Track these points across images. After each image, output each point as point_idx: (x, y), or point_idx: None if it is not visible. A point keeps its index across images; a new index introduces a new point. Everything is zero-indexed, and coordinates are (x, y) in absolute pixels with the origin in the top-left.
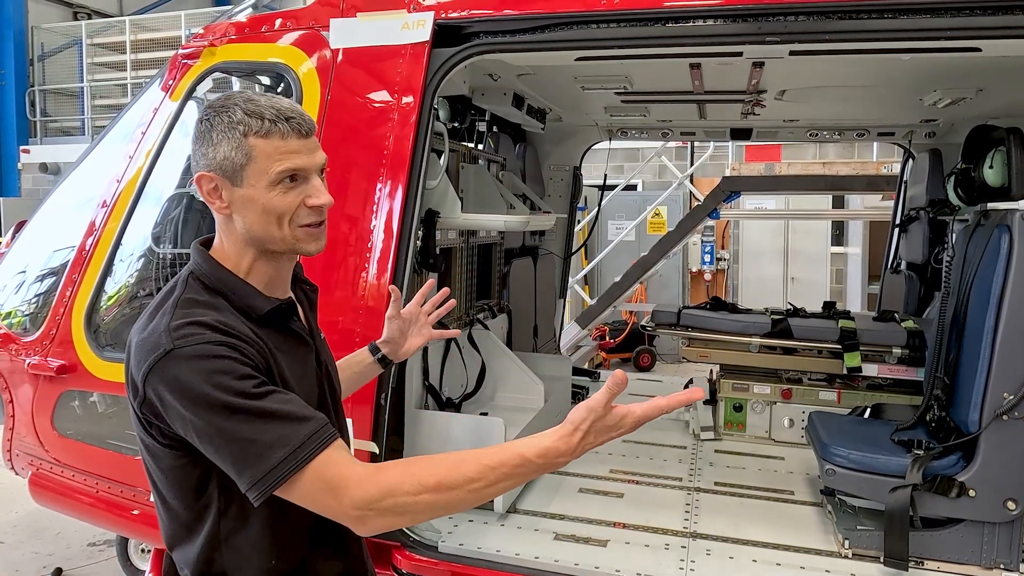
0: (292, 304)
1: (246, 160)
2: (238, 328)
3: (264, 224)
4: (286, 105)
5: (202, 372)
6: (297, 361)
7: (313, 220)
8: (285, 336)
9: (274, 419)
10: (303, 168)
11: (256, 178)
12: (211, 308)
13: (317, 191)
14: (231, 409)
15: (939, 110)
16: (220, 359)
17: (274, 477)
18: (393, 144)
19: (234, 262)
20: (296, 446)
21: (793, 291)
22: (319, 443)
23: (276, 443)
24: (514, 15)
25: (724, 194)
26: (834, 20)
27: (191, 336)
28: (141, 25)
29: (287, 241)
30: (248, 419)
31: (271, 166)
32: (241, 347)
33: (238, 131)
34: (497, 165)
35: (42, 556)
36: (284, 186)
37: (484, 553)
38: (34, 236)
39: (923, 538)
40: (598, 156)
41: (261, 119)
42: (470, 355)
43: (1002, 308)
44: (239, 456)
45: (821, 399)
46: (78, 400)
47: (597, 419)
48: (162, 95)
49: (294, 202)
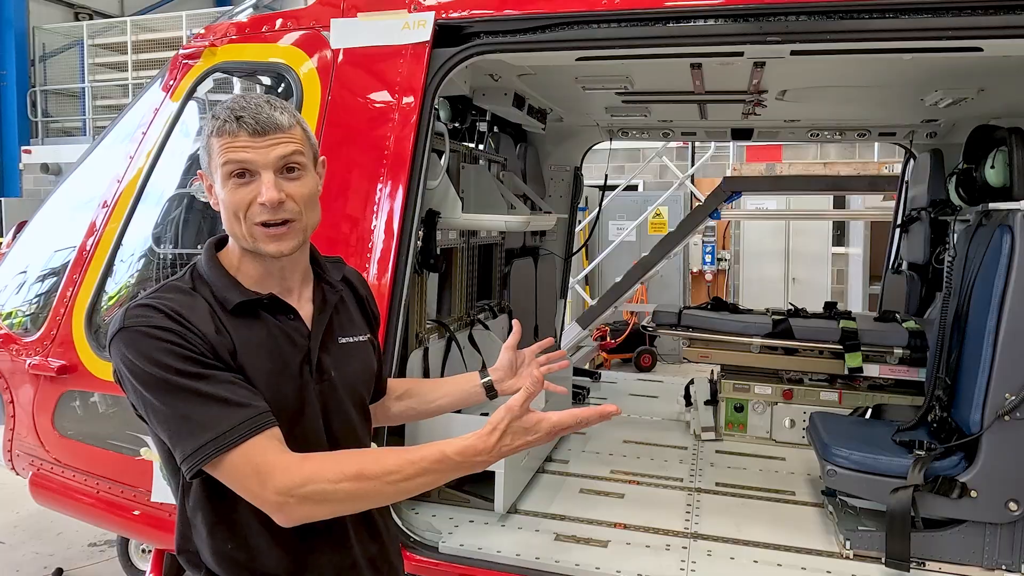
0: (276, 300)
1: (209, 158)
2: (193, 318)
3: (227, 220)
4: (248, 104)
5: (144, 350)
6: (272, 359)
7: (265, 218)
8: (265, 332)
9: (209, 400)
10: (247, 162)
11: (215, 174)
12: (184, 295)
13: (265, 187)
14: (169, 386)
15: (940, 110)
16: (160, 340)
17: (202, 454)
18: (394, 144)
19: (231, 257)
20: (226, 429)
21: (794, 292)
22: (250, 429)
23: (208, 423)
24: (515, 15)
25: (725, 194)
26: (835, 20)
27: (140, 317)
28: (142, 26)
29: (247, 239)
30: (184, 397)
31: (219, 160)
32: (185, 334)
33: (206, 131)
34: (498, 165)
35: (43, 556)
36: (235, 182)
37: (485, 553)
38: (35, 236)
39: (924, 539)
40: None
41: (216, 118)
42: (471, 355)
43: (1004, 308)
44: (174, 431)
45: (822, 400)
46: (79, 400)
47: (514, 419)
48: (163, 95)
49: (245, 198)
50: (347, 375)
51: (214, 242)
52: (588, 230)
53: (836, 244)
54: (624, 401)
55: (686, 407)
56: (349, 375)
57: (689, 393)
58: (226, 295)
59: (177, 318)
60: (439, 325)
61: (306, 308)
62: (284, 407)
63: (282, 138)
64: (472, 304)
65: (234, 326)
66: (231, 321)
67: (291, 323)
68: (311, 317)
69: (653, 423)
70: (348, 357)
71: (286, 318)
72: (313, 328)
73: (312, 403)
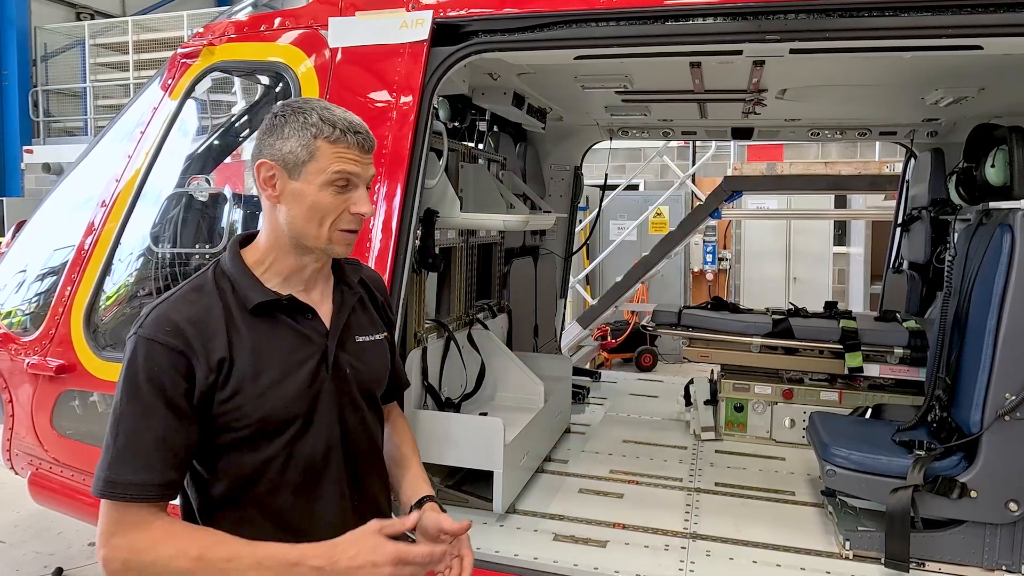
0: (295, 301)
1: (309, 157)
2: (204, 328)
3: (307, 219)
4: (357, 121)
5: (136, 363)
6: (288, 359)
7: (352, 226)
8: (283, 332)
9: (130, 444)
10: (356, 175)
11: (313, 175)
12: (203, 297)
13: (362, 199)
14: (120, 404)
15: (941, 109)
16: (151, 364)
17: (95, 487)
18: (392, 143)
19: (260, 254)
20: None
21: (795, 291)
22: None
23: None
24: (513, 13)
25: (726, 194)
26: (834, 18)
27: (154, 327)
28: (143, 25)
29: (322, 240)
30: (119, 426)
31: (330, 165)
32: (189, 354)
33: (310, 132)
34: (497, 164)
35: (43, 556)
36: (335, 188)
37: (483, 554)
38: (34, 236)
39: (924, 539)
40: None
41: (333, 127)
42: (470, 355)
43: (1004, 308)
44: (104, 440)
45: (822, 399)
46: (77, 400)
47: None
48: (161, 94)
49: (340, 205)
50: (362, 372)
51: (239, 240)
52: (589, 229)
53: (837, 243)
54: (624, 401)
55: (686, 407)
56: (364, 372)
57: (689, 393)
58: (247, 294)
59: (188, 337)
60: (438, 325)
61: (325, 307)
62: (297, 405)
63: (372, 159)
64: (471, 304)
65: (251, 325)
66: (248, 321)
67: (309, 322)
68: (330, 316)
69: (653, 423)
70: (364, 355)
71: (304, 318)
72: (331, 327)
73: (327, 399)
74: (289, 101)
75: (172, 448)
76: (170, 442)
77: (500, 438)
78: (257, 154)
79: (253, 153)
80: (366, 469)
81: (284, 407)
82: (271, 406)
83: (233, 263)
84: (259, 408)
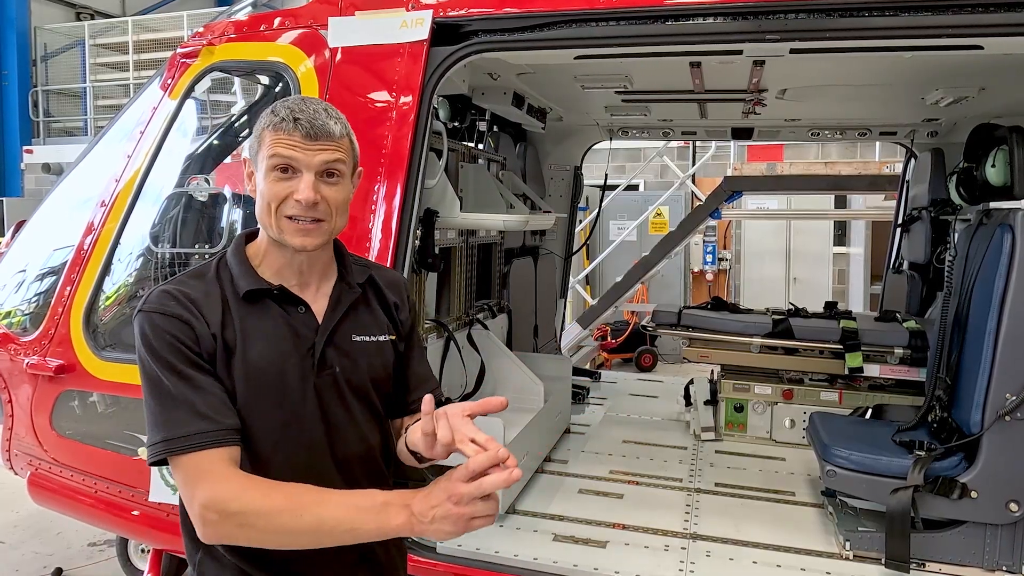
0: (285, 292)
1: (259, 147)
2: (203, 307)
3: (261, 208)
4: (309, 109)
5: (149, 335)
6: (274, 347)
7: (296, 213)
8: (272, 321)
9: (179, 403)
10: (293, 160)
11: (261, 163)
12: (202, 282)
13: (304, 186)
14: (154, 377)
15: (941, 109)
16: (164, 332)
17: (154, 451)
18: (391, 143)
19: (256, 247)
20: (179, 435)
21: (795, 291)
22: (202, 442)
23: (168, 424)
24: (513, 13)
25: (726, 194)
26: (834, 18)
27: (158, 302)
28: (143, 26)
29: (274, 229)
30: (162, 392)
31: (268, 151)
32: (187, 328)
33: (262, 123)
34: (497, 165)
35: (42, 556)
36: (277, 175)
37: (483, 554)
38: (33, 236)
39: (925, 540)
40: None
41: (275, 114)
42: (469, 355)
43: (1004, 308)
44: (148, 419)
45: (822, 400)
46: (77, 400)
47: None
48: (161, 94)
49: (281, 192)
50: (355, 372)
51: (245, 234)
52: (588, 230)
53: (837, 244)
54: (624, 401)
55: (686, 407)
56: (358, 372)
57: (689, 393)
58: (240, 282)
59: (189, 306)
60: (438, 325)
61: (321, 303)
62: (283, 394)
63: (329, 145)
64: (471, 304)
65: (243, 312)
66: (241, 307)
67: (300, 315)
68: (323, 313)
69: (653, 423)
70: (360, 355)
71: (295, 310)
72: (323, 323)
73: (310, 394)
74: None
75: (217, 397)
76: (212, 393)
77: (500, 438)
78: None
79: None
80: (361, 473)
81: (265, 391)
82: (253, 387)
83: (234, 255)
84: (243, 388)
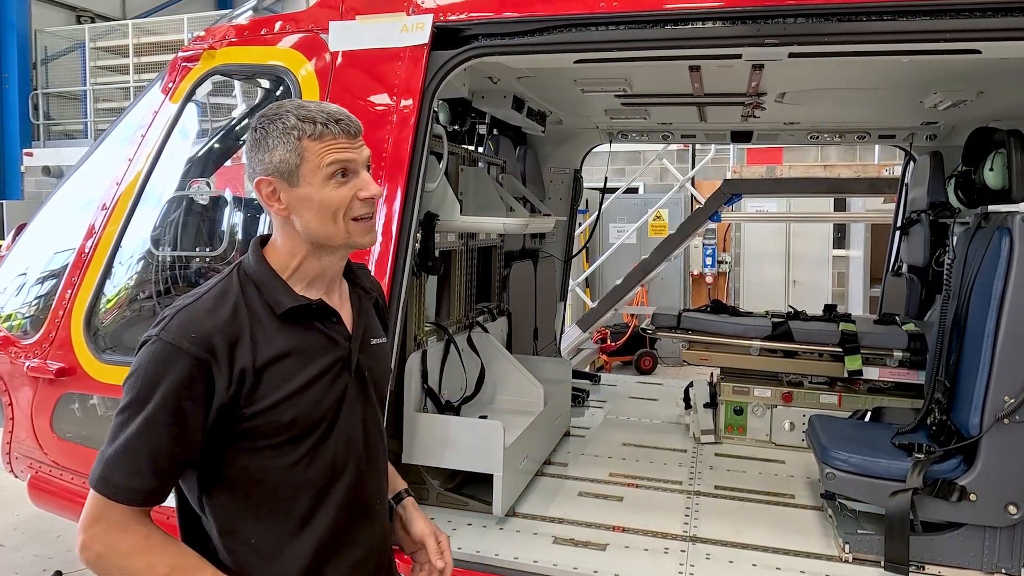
0: (324, 305)
1: (300, 160)
2: (231, 333)
3: (321, 220)
4: (335, 109)
5: (156, 365)
6: (315, 364)
7: (365, 212)
8: (310, 336)
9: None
10: (352, 161)
11: (311, 175)
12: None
13: (367, 183)
14: (135, 401)
15: (940, 112)
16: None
17: (98, 483)
18: (392, 147)
19: (283, 260)
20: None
21: (795, 294)
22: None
23: (122, 464)
24: (513, 17)
25: (725, 197)
26: (833, 22)
27: (178, 331)
28: (144, 28)
29: (341, 235)
30: (127, 426)
31: (323, 160)
32: (211, 363)
33: (292, 135)
34: (497, 168)
35: (42, 559)
36: (336, 181)
37: (483, 557)
38: (34, 239)
39: (924, 542)
40: (599, 159)
41: (313, 123)
42: (469, 358)
43: (1003, 311)
44: (108, 436)
45: (822, 402)
46: (77, 403)
47: None
48: (162, 98)
49: (347, 195)
50: (376, 374)
51: (259, 241)
52: (588, 232)
53: (837, 247)
54: (624, 404)
55: (685, 410)
56: (378, 373)
57: (689, 396)
58: (278, 299)
59: (214, 343)
60: (438, 328)
61: (345, 310)
62: (324, 408)
63: (363, 140)
64: (471, 307)
65: (279, 330)
66: (276, 325)
67: (335, 326)
68: (351, 320)
69: (652, 426)
70: (377, 357)
71: (331, 322)
72: (353, 330)
73: (351, 401)
74: (263, 111)
75: (168, 459)
76: (167, 453)
77: (500, 441)
78: (252, 173)
79: (248, 174)
80: (379, 470)
81: (312, 410)
82: (299, 410)
83: (259, 266)
84: (287, 412)
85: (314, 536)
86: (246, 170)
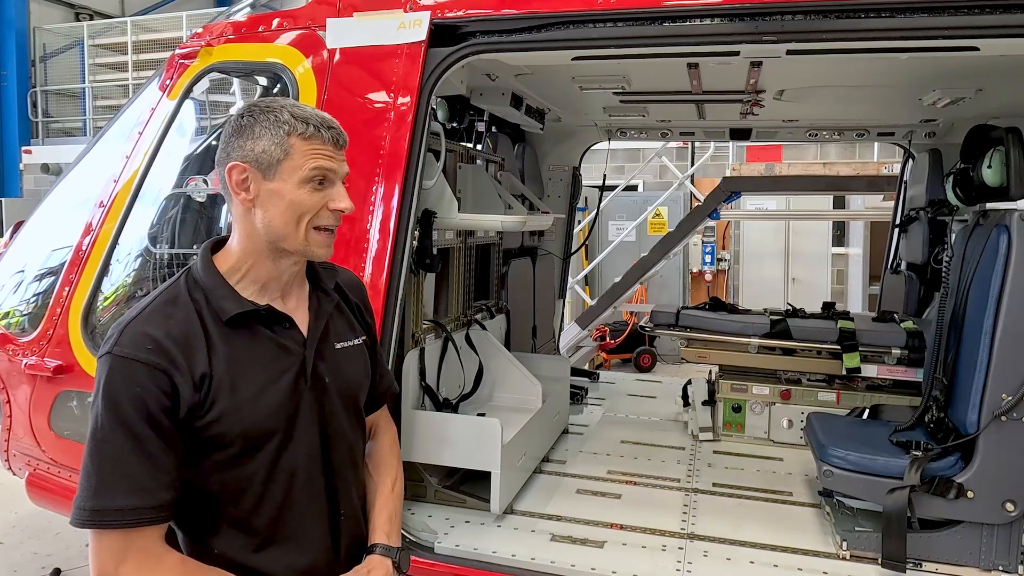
0: (273, 311)
1: (283, 156)
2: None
3: (285, 219)
4: (329, 118)
5: (113, 384)
6: (266, 372)
7: (330, 223)
8: (261, 344)
9: (115, 470)
10: (333, 172)
11: (289, 174)
12: (177, 310)
13: (341, 195)
14: (99, 429)
15: (939, 110)
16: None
17: (81, 517)
18: (389, 144)
19: (235, 261)
20: (111, 508)
21: (794, 292)
22: (137, 519)
23: (100, 491)
24: (511, 15)
25: (725, 194)
26: (831, 19)
27: (130, 346)
28: (143, 26)
29: (299, 241)
30: (100, 451)
31: (306, 163)
32: (171, 371)
33: (283, 130)
34: (495, 165)
35: (41, 556)
36: (313, 186)
37: (480, 554)
38: (32, 236)
39: (921, 540)
40: (598, 156)
41: (306, 123)
42: (468, 356)
43: (1000, 308)
44: (81, 472)
45: (820, 400)
46: (75, 400)
47: None
48: (159, 95)
49: (318, 202)
50: (341, 380)
51: (210, 246)
52: (587, 230)
53: (836, 244)
54: (622, 401)
55: (684, 407)
56: (343, 380)
57: (687, 393)
58: (222, 305)
59: (170, 351)
60: (436, 325)
61: (301, 314)
62: (276, 418)
63: (344, 156)
64: (469, 304)
65: (226, 338)
66: (224, 333)
67: (286, 332)
68: (307, 324)
69: (651, 423)
70: (344, 362)
71: (281, 328)
72: (308, 335)
73: (306, 410)
74: (255, 102)
75: (163, 468)
76: (159, 463)
77: (498, 438)
78: (225, 157)
79: (219, 157)
80: (345, 481)
81: (263, 420)
82: (250, 420)
83: (206, 272)
84: (239, 423)
85: (280, 548)
86: (218, 154)
